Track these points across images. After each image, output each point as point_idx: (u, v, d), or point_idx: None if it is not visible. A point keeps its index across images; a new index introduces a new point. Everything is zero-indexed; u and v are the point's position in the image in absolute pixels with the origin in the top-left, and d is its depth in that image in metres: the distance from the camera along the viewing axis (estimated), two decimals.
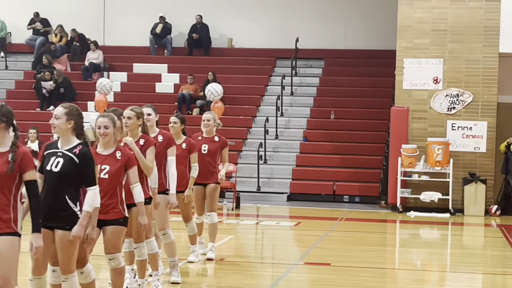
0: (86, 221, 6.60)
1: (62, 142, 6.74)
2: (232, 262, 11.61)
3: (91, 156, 6.71)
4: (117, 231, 7.44)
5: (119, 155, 7.46)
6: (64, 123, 6.69)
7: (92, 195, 6.63)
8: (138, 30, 25.73)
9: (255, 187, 20.60)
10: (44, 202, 6.59)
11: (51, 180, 6.63)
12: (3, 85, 24.79)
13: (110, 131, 7.40)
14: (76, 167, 6.60)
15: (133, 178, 7.55)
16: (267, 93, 23.99)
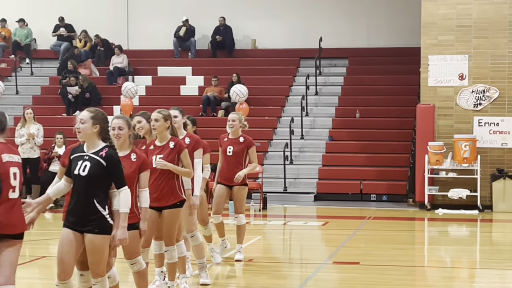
0: (126, 223, 6.67)
1: (88, 146, 6.77)
2: (261, 262, 11.60)
3: (118, 157, 6.74)
4: (135, 235, 7.41)
5: (134, 158, 7.39)
6: (90, 128, 6.72)
7: (124, 196, 6.67)
8: (162, 34, 25.81)
9: (282, 187, 20.58)
10: (73, 206, 6.66)
11: (79, 184, 6.67)
12: (29, 91, 24.96)
13: (125, 133, 7.34)
14: (103, 170, 6.63)
15: (144, 182, 7.39)
16: (292, 93, 23.96)
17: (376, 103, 22.82)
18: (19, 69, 25.90)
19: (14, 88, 24.78)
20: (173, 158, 8.23)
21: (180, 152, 8.29)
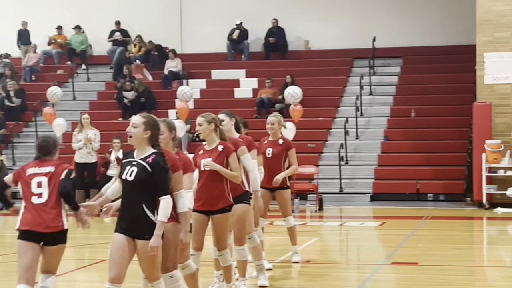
0: (161, 231, 6.62)
1: (137, 152, 6.81)
2: (318, 264, 11.59)
3: (165, 165, 6.72)
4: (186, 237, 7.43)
5: None
6: (142, 133, 6.76)
7: (164, 205, 6.64)
8: (215, 37, 25.93)
9: (338, 188, 20.52)
10: (123, 212, 6.74)
11: (126, 189, 6.73)
12: (86, 96, 25.29)
13: (165, 136, 7.25)
14: (149, 176, 6.65)
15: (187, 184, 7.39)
16: (346, 93, 23.88)
17: (432, 102, 22.63)
18: (76, 75, 26.26)
19: (71, 94, 25.13)
20: (221, 162, 8.17)
21: (229, 155, 8.22)
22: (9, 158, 22.80)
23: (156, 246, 6.60)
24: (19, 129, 24.22)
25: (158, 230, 6.61)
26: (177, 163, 7.12)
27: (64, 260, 11.63)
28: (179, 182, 7.05)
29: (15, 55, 27.06)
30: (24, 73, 26.36)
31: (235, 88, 24.38)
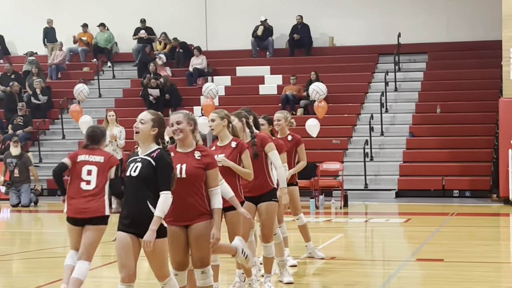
0: (156, 226, 6.50)
1: (142, 150, 6.76)
2: (343, 260, 11.59)
3: (169, 160, 6.65)
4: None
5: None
6: (149, 129, 6.71)
7: (163, 200, 6.54)
8: (240, 34, 25.96)
9: (363, 184, 20.49)
10: (126, 209, 6.67)
11: (131, 185, 6.65)
12: (112, 94, 25.42)
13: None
14: (153, 170, 6.58)
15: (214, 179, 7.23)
16: (371, 90, 23.83)
17: (457, 98, 22.52)
18: (101, 73, 26.41)
19: (97, 91, 25.27)
20: (234, 158, 8.06)
21: (242, 152, 8.13)
22: (36, 155, 22.99)
23: (149, 240, 6.47)
24: (45, 126, 24.39)
25: (153, 225, 6.49)
26: (214, 159, 7.14)
27: None
28: (215, 178, 7.02)
29: (42, 53, 27.24)
30: (50, 71, 26.53)
31: (260, 85, 24.39)
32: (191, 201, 6.94)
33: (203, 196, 6.99)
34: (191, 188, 6.94)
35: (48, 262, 12.03)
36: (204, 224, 6.96)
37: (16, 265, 11.55)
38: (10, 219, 17.90)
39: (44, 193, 21.82)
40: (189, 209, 6.95)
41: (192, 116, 7.14)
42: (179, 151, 7.07)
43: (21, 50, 27.84)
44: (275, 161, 8.72)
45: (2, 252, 12.09)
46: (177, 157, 6.94)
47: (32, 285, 9.88)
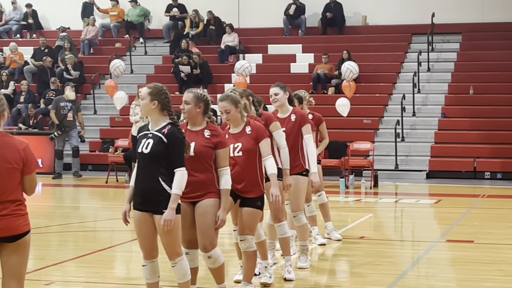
0: (175, 204, 6.42)
1: (151, 124, 6.65)
2: (372, 240, 11.57)
3: (181, 136, 6.54)
4: (253, 214, 7.41)
5: (248, 130, 7.36)
6: (149, 104, 6.60)
7: (179, 177, 6.43)
8: (272, 12, 25.85)
9: (393, 165, 20.40)
10: (139, 186, 6.58)
11: (143, 162, 6.54)
12: (143, 70, 25.48)
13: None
14: (165, 147, 6.47)
15: (265, 150, 7.46)
16: (403, 70, 23.67)
17: (491, 79, 22.32)
18: (133, 49, 26.46)
19: (129, 68, 25.32)
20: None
21: None
22: None
23: (169, 219, 6.37)
24: None
25: (172, 203, 6.41)
26: (225, 139, 7.05)
27: (120, 231, 11.81)
28: (224, 158, 6.93)
29: (74, 28, 27.30)
30: (83, 46, 26.63)
31: (292, 63, 24.32)
32: (199, 179, 6.87)
33: (212, 175, 6.92)
34: (199, 166, 6.87)
35: (78, 236, 12.14)
36: (210, 202, 6.89)
37: (47, 238, 11.67)
38: (42, 193, 18.06)
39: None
40: (197, 187, 6.87)
41: (203, 97, 7.00)
42: (189, 128, 7.03)
43: (54, 25, 27.95)
44: (280, 141, 8.37)
45: (35, 225, 12.21)
46: (186, 135, 6.84)
47: (62, 258, 9.97)
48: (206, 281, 7.92)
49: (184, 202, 6.85)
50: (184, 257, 6.69)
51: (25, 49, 26.32)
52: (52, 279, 8.83)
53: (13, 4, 28.11)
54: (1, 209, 5.50)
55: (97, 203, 17.13)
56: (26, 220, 5.62)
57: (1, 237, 5.52)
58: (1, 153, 5.50)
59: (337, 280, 9.12)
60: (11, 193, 5.54)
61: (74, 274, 9.18)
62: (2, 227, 5.50)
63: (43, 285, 8.50)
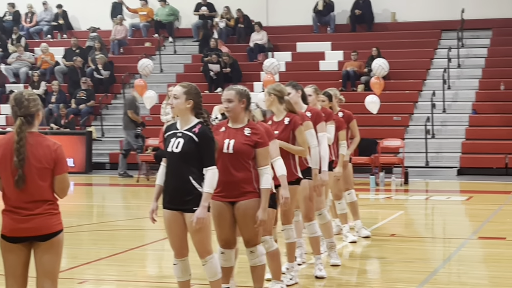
0: (207, 202, 6.41)
1: (181, 123, 6.63)
2: (403, 237, 11.54)
3: (211, 135, 6.55)
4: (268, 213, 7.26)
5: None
6: (183, 103, 6.60)
7: (210, 176, 6.41)
8: (301, 9, 25.83)
9: (424, 162, 20.31)
10: (169, 185, 6.58)
11: (173, 161, 6.54)
12: (173, 69, 25.57)
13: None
14: (196, 146, 6.47)
15: (273, 152, 7.21)
16: (433, 66, 23.55)
17: None
18: (163, 48, 26.57)
19: (159, 67, 25.43)
20: (287, 135, 7.90)
21: (295, 128, 7.95)
22: (98, 130, 23.31)
23: (202, 217, 6.36)
24: (107, 101, 24.67)
25: (205, 202, 6.40)
26: (265, 137, 6.97)
27: (152, 230, 11.87)
28: (264, 157, 6.88)
29: (104, 28, 27.46)
30: (113, 46, 26.79)
31: (321, 61, 24.29)
32: (237, 178, 6.82)
33: (250, 174, 6.87)
34: (238, 164, 6.83)
35: (110, 234, 12.23)
36: (250, 203, 6.84)
37: (80, 237, 11.76)
38: (73, 192, 18.21)
39: (106, 167, 22.12)
40: (235, 186, 6.83)
41: (245, 92, 6.99)
42: (229, 126, 6.98)
43: (84, 25, 28.15)
44: (310, 141, 8.35)
45: (67, 224, 12.31)
46: (227, 132, 6.88)
47: (94, 256, 10.05)
48: None
49: (221, 202, 6.86)
50: (214, 255, 6.68)
51: (56, 49, 26.53)
52: (85, 277, 8.91)
53: (44, 5, 28.34)
54: (33, 208, 5.57)
55: (129, 202, 17.24)
56: (58, 219, 5.68)
57: (34, 236, 5.59)
58: (33, 152, 5.57)
59: (368, 278, 9.11)
60: (43, 193, 5.60)
61: (107, 273, 9.25)
62: (34, 226, 5.56)
63: (77, 283, 8.58)
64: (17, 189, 5.54)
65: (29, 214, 5.56)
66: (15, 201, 5.58)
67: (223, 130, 6.96)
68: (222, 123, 7.03)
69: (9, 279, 5.67)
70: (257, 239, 6.95)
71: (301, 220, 8.74)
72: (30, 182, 5.55)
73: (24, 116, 5.60)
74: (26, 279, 5.71)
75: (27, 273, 5.71)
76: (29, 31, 28.15)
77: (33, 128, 5.64)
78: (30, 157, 5.54)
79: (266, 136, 6.97)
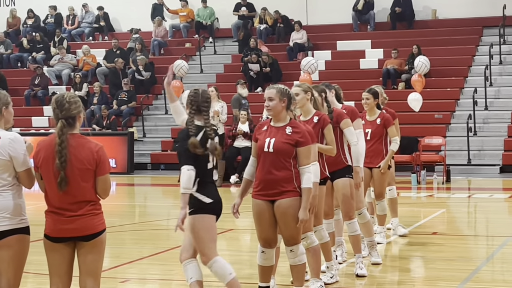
0: (182, 203, 6.43)
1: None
2: (445, 235, 11.47)
3: (183, 135, 6.59)
4: None
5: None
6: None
7: (181, 176, 6.46)
8: (340, 8, 25.77)
9: (466, 159, 20.16)
10: None
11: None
12: (213, 69, 25.67)
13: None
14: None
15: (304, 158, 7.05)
16: (475, 63, 23.36)
17: None
18: (203, 49, 26.67)
19: (199, 67, 25.55)
20: (316, 133, 7.78)
21: (324, 127, 7.89)
22: (140, 130, 23.47)
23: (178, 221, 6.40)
24: (148, 102, 24.84)
25: (181, 203, 6.45)
26: (307, 136, 6.93)
27: None
28: (305, 156, 6.83)
29: (145, 29, 27.64)
30: (153, 47, 26.96)
31: (361, 59, 24.22)
32: (278, 176, 6.79)
33: (291, 173, 6.82)
34: (278, 163, 6.80)
35: (152, 234, 12.32)
36: (290, 202, 6.79)
37: (122, 236, 11.87)
38: (115, 193, 18.36)
39: (148, 167, 22.28)
40: (275, 184, 6.80)
41: (286, 92, 7.00)
42: (271, 125, 6.98)
43: (125, 27, 28.38)
44: (350, 138, 8.38)
45: (110, 223, 12.43)
46: (268, 131, 6.91)
47: (137, 256, 10.14)
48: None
49: (261, 200, 6.87)
50: (217, 258, 6.61)
51: (97, 51, 26.77)
52: (128, 276, 9.00)
53: (84, 7, 28.61)
54: (76, 209, 5.64)
55: (170, 202, 17.33)
56: (101, 219, 5.76)
57: (77, 237, 5.67)
58: (75, 154, 5.64)
59: (410, 276, 9.08)
60: (86, 194, 5.67)
61: (149, 272, 9.33)
62: (78, 227, 5.64)
63: (119, 282, 8.67)
64: (60, 191, 5.62)
65: (72, 215, 5.64)
66: (58, 203, 5.66)
67: (265, 129, 6.99)
68: (265, 122, 7.07)
69: (53, 277, 5.76)
70: (297, 237, 6.94)
71: (341, 219, 8.75)
72: (73, 183, 5.62)
73: (65, 118, 5.68)
74: (70, 278, 5.80)
75: (71, 272, 5.79)
76: (71, 34, 28.45)
77: (75, 130, 5.72)
78: (72, 159, 5.62)
79: (308, 135, 6.93)
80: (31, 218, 5.89)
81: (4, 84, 25.37)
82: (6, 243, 5.68)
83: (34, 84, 25.85)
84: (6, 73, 26.39)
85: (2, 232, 5.67)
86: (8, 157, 5.67)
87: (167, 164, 22.00)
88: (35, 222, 6.27)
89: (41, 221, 5.77)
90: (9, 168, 5.70)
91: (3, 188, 5.70)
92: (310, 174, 6.84)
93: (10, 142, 5.69)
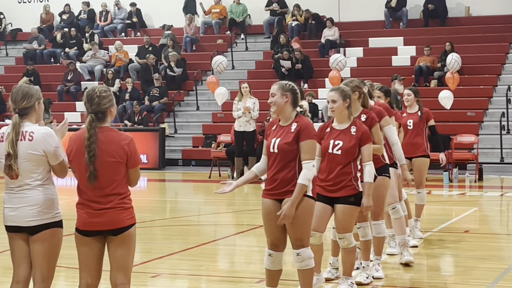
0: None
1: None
2: (477, 234, 11.40)
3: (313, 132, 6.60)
4: (347, 211, 7.23)
5: (353, 131, 7.19)
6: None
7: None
8: (373, 5, 25.67)
9: (498, 158, 19.99)
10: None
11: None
12: (244, 66, 25.68)
13: (338, 105, 7.16)
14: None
15: (366, 156, 7.24)
16: (508, 60, 23.15)
17: None
18: (235, 45, 26.69)
19: (230, 63, 25.56)
20: None
21: (372, 125, 7.76)
22: (171, 126, 23.55)
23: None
24: (180, 98, 24.91)
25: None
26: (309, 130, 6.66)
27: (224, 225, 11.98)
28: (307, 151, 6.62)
29: (177, 25, 27.70)
30: (185, 43, 27.03)
31: (393, 56, 24.10)
32: (284, 176, 6.61)
33: (295, 171, 6.59)
34: (283, 163, 6.62)
35: (182, 230, 12.36)
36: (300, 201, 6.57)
37: (153, 232, 11.92)
38: (147, 188, 18.44)
39: (179, 163, 22.34)
40: (281, 184, 6.63)
41: (288, 87, 6.87)
42: (280, 124, 6.79)
43: (157, 23, 28.46)
44: (391, 137, 8.33)
45: (140, 219, 12.50)
46: (276, 131, 6.75)
47: (167, 251, 10.18)
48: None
49: (269, 200, 6.71)
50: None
51: (129, 47, 26.90)
52: (158, 271, 9.04)
53: (116, 4, 28.75)
54: (105, 202, 5.66)
55: (201, 198, 17.39)
56: (131, 214, 5.76)
57: (106, 230, 5.69)
58: (105, 147, 5.66)
59: (441, 274, 9.03)
60: (116, 187, 5.69)
61: (179, 267, 9.36)
62: (106, 220, 5.66)
63: (150, 277, 8.71)
64: (90, 184, 5.66)
65: (101, 208, 5.66)
66: (88, 195, 5.70)
67: (274, 128, 6.86)
68: (274, 120, 6.92)
69: (82, 271, 5.79)
70: (305, 240, 6.68)
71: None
72: (103, 176, 5.65)
73: (95, 113, 5.70)
74: (100, 272, 5.82)
75: (101, 266, 5.82)
76: (103, 30, 28.60)
77: (105, 123, 5.73)
78: (101, 152, 5.64)
79: (309, 128, 6.65)
80: (64, 213, 5.94)
81: (37, 79, 25.60)
82: (40, 237, 5.73)
83: (67, 79, 26.04)
84: (39, 69, 26.62)
85: (37, 227, 5.72)
86: (42, 153, 5.72)
87: (198, 160, 22.05)
88: (68, 216, 6.32)
89: (74, 216, 5.80)
90: (44, 162, 5.74)
91: (37, 183, 5.74)
92: (309, 170, 6.54)
93: (44, 137, 5.74)
